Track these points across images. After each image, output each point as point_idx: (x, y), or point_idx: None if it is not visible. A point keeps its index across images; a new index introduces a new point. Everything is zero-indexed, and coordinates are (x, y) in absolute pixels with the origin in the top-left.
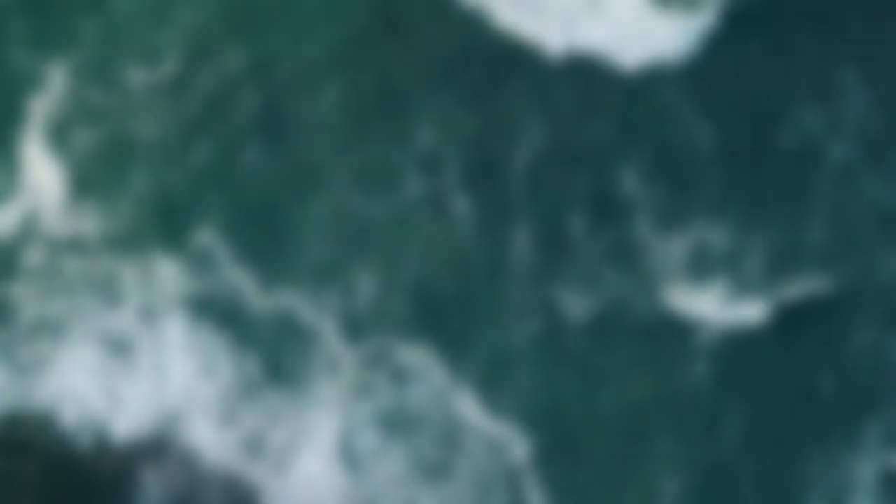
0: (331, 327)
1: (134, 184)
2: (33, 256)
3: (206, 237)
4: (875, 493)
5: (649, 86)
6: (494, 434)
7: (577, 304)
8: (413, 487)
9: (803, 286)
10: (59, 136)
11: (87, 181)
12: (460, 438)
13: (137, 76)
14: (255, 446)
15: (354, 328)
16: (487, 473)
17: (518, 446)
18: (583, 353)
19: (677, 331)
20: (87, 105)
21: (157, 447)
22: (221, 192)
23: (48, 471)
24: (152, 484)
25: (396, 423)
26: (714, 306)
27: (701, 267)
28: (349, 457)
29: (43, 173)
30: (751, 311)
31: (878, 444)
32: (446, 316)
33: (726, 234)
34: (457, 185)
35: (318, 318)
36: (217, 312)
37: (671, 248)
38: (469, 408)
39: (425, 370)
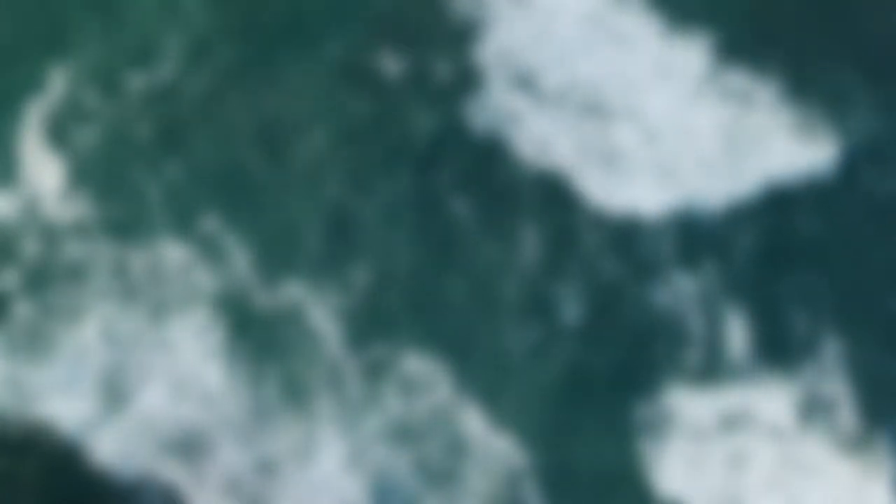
0: (333, 335)
1: (134, 178)
2: (32, 245)
3: (211, 227)
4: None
5: None
6: (497, 444)
7: (577, 310)
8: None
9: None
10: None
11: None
12: (464, 448)
13: (137, 76)
14: (258, 449)
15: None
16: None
17: (520, 455)
18: (583, 359)
19: (673, 331)
20: (87, 103)
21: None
22: (222, 187)
23: (48, 471)
24: (153, 484)
25: (402, 434)
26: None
27: (691, 256)
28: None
29: (42, 162)
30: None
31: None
32: (449, 324)
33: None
34: (455, 185)
35: (321, 324)
36: (219, 308)
37: (662, 238)
38: (472, 418)
39: (428, 380)
